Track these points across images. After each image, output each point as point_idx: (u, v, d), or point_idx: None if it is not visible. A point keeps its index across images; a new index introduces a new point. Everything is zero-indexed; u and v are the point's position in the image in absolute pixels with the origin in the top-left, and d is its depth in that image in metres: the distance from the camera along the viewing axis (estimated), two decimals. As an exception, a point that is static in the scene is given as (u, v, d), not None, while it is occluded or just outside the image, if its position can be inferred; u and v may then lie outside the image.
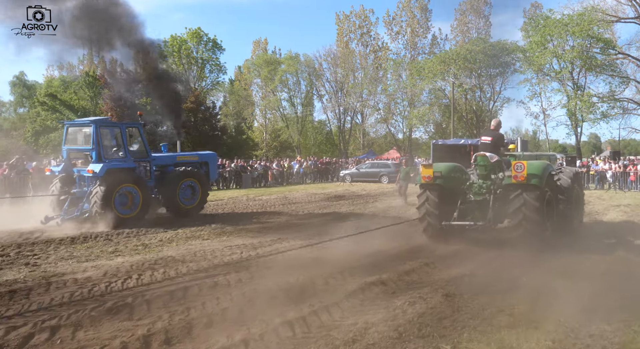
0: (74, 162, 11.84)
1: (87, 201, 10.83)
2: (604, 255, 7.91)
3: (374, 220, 12.72)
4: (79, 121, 12.37)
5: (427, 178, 8.80)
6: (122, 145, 11.65)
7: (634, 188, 23.33)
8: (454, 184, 8.96)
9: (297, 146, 52.35)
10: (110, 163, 11.05)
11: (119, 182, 10.97)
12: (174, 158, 13.58)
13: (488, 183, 8.75)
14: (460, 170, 9.31)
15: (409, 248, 8.75)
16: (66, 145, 11.82)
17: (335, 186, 27.33)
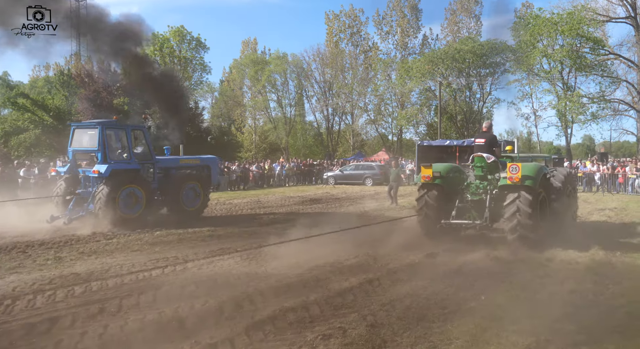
0: (79, 162, 12.07)
1: (91, 202, 11.03)
2: (575, 268, 6.97)
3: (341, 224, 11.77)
4: (85, 123, 12.53)
5: (426, 178, 9.04)
6: (126, 147, 11.82)
7: (623, 190, 22.45)
8: (453, 184, 9.22)
9: (285, 147, 51.37)
10: (115, 164, 11.26)
11: (123, 183, 11.15)
12: (177, 161, 13.80)
13: (485, 184, 9.03)
14: (459, 170, 9.58)
15: (363, 258, 7.83)
16: (72, 146, 11.96)
17: (316, 189, 26.35)
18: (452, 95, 42.56)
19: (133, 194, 11.41)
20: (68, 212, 11.03)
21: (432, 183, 9.06)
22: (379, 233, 10.65)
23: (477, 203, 9.01)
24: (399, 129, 48.48)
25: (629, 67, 37.80)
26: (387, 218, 13.38)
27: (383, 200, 20.15)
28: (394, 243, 9.35)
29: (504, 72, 40.42)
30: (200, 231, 10.90)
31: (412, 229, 11.32)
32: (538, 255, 7.91)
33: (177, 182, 12.80)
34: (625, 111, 38.45)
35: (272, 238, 9.93)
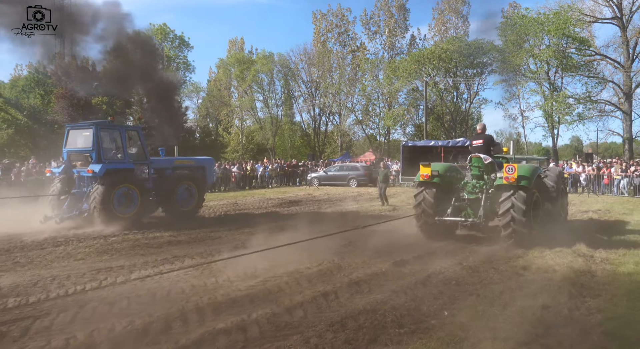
0: (74, 163, 12.08)
1: (86, 201, 11.13)
2: (551, 278, 6.42)
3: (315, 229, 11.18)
4: (80, 124, 12.61)
5: (425, 177, 9.29)
6: (121, 147, 11.89)
7: (608, 191, 22.13)
8: (450, 183, 9.51)
9: (272, 148, 50.66)
10: (109, 164, 11.35)
11: (117, 182, 11.23)
12: (171, 161, 13.87)
13: (481, 183, 9.33)
14: (456, 169, 9.87)
15: (326, 267, 7.24)
16: (67, 147, 12.03)
17: (299, 191, 25.73)
18: (439, 95, 42.18)
19: (127, 194, 11.50)
20: (62, 212, 11.14)
21: (430, 181, 9.29)
22: (352, 238, 10.10)
23: (473, 201, 9.31)
24: (386, 130, 47.94)
25: (615, 68, 37.72)
26: (364, 221, 12.81)
27: (364, 201, 19.63)
28: (365, 249, 8.85)
29: (491, 72, 40.17)
30: (161, 236, 10.27)
31: (387, 233, 10.82)
32: (514, 263, 7.40)
33: (171, 182, 12.89)
34: (611, 112, 38.37)
35: (238, 244, 9.37)
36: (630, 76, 36.01)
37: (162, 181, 12.96)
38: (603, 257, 7.77)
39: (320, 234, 10.55)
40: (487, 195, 9.16)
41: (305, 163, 30.67)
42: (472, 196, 9.38)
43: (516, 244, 8.42)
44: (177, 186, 12.97)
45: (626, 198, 20.00)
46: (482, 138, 9.62)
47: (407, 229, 11.55)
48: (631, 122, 36.40)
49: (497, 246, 9.13)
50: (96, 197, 10.81)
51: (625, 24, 36.73)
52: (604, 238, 9.68)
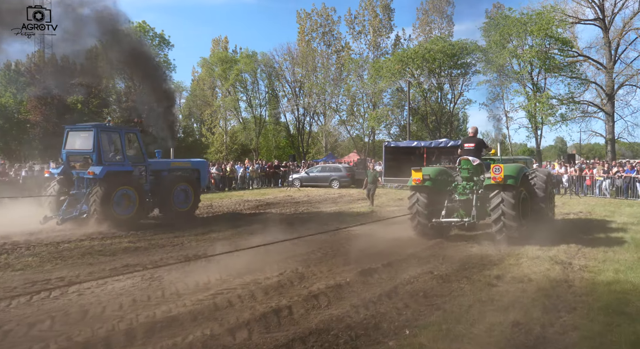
0: (72, 164, 12.22)
1: (85, 202, 11.24)
2: (526, 289, 5.97)
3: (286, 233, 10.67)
4: (80, 126, 12.71)
5: (417, 181, 9.60)
6: (120, 149, 12.04)
7: (590, 192, 21.96)
8: (441, 185, 9.89)
9: (255, 149, 49.95)
10: (110, 166, 11.49)
11: (117, 184, 11.39)
12: (168, 164, 14.11)
13: (471, 184, 9.71)
14: (447, 172, 10.24)
15: (287, 276, 6.71)
16: (66, 148, 12.10)
17: (278, 192, 25.14)
18: (423, 95, 41.92)
19: (126, 195, 11.67)
20: (61, 213, 11.24)
21: (423, 185, 9.60)
22: (323, 243, 9.59)
23: (464, 202, 9.68)
24: (370, 130, 47.57)
25: (598, 69, 37.80)
26: (340, 224, 12.32)
27: (344, 203, 19.16)
28: (334, 255, 8.35)
29: (475, 72, 40.02)
30: (119, 242, 9.64)
31: (362, 238, 10.33)
32: (488, 271, 6.94)
33: (168, 184, 13.12)
34: (594, 113, 38.45)
35: (200, 250, 8.80)
36: (612, 77, 36.12)
37: (159, 183, 13.15)
38: (582, 264, 7.36)
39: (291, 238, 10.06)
40: (477, 195, 9.51)
41: (287, 164, 30.07)
42: (463, 197, 9.72)
43: (507, 238, 8.78)
44: (173, 188, 13.17)
45: (608, 200, 19.82)
46: (473, 142, 9.93)
47: (383, 232, 11.10)
48: (613, 123, 36.51)
49: (475, 249, 8.73)
50: (96, 199, 10.93)
51: (608, 25, 36.84)
52: (584, 243, 9.29)
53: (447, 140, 27.12)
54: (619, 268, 7.21)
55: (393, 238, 10.31)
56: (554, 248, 8.66)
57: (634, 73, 36.18)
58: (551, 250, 8.42)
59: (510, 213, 8.64)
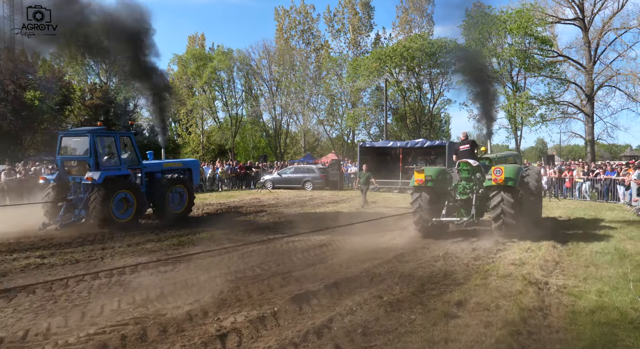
0: (68, 169, 12.17)
1: (83, 208, 11.29)
2: (490, 322, 4.79)
3: (231, 242, 9.43)
4: (74, 131, 12.68)
5: (419, 182, 9.96)
6: (115, 153, 12.04)
7: (570, 195, 21.13)
8: (442, 186, 10.29)
9: (231, 149, 48.44)
10: (108, 171, 11.48)
11: (115, 189, 11.43)
12: (161, 165, 14.08)
13: (471, 185, 10.17)
14: (447, 173, 10.73)
15: (199, 307, 5.45)
16: (60, 154, 12.08)
17: (247, 195, 23.78)
18: (402, 94, 40.96)
19: (125, 199, 11.72)
20: (59, 218, 11.24)
21: (425, 186, 9.97)
22: (268, 256, 8.36)
23: (464, 202, 10.11)
24: (348, 130, 46.48)
25: (578, 70, 37.39)
26: (298, 231, 11.10)
27: (313, 207, 17.90)
28: (273, 272, 7.11)
29: (455, 71, 39.14)
30: (28, 256, 8.21)
31: (315, 249, 9.12)
32: (449, 295, 5.77)
33: (163, 186, 13.11)
34: (573, 114, 38.02)
35: (120, 265, 7.47)
36: (592, 78, 35.70)
37: (153, 184, 13.17)
38: (559, 284, 6.24)
39: (235, 247, 8.82)
40: (477, 195, 9.95)
41: (258, 164, 28.74)
42: (464, 196, 10.14)
43: (506, 235, 9.28)
44: (168, 189, 13.19)
45: (588, 203, 18.98)
46: (467, 143, 10.63)
47: (342, 242, 9.93)
48: (593, 124, 36.07)
49: (439, 264, 7.58)
50: (96, 205, 10.97)
51: (587, 25, 36.44)
52: (563, 255, 8.22)
53: (424, 140, 26.16)
54: (602, 288, 6.12)
55: (350, 249, 9.16)
56: (528, 262, 7.56)
57: (613, 74, 35.85)
58: (524, 265, 7.30)
59: (509, 212, 9.10)
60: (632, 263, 7.62)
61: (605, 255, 8.26)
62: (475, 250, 8.76)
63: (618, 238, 9.93)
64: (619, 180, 18.65)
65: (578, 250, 8.73)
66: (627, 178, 17.04)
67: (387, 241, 10.11)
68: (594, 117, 36.20)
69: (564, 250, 8.77)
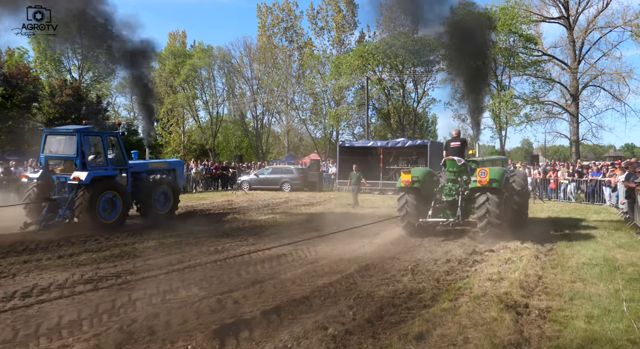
0: (52, 168, 12.02)
1: (68, 208, 11.12)
2: None
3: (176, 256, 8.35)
4: (60, 129, 12.38)
5: (406, 182, 10.02)
6: (101, 153, 11.91)
7: (555, 196, 20.39)
8: (429, 187, 10.30)
9: (211, 149, 47.12)
10: (95, 172, 11.33)
11: (102, 189, 11.28)
12: (146, 165, 14.05)
13: (457, 186, 10.23)
14: (433, 174, 10.70)
15: (108, 339, 4.34)
16: (44, 152, 11.84)
17: (220, 196, 22.62)
18: (386, 93, 40.08)
19: (111, 200, 11.60)
20: (42, 218, 11.01)
21: (411, 186, 10.04)
22: (214, 270, 7.30)
23: (450, 203, 10.20)
24: (330, 130, 45.50)
25: (563, 69, 36.91)
26: (260, 241, 10.06)
27: (285, 210, 16.81)
28: (208, 295, 6.03)
29: (439, 70, 38.45)
30: None
31: (270, 261, 8.07)
32: (409, 325, 4.77)
33: (148, 186, 13.08)
34: (558, 114, 37.53)
35: (33, 284, 6.35)
36: (577, 77, 35.22)
37: (138, 184, 13.09)
38: (542, 307, 5.29)
39: (180, 259, 7.73)
40: (463, 196, 10.01)
41: (234, 165, 27.57)
42: (450, 198, 10.22)
43: (491, 235, 9.21)
44: (154, 190, 13.14)
45: (573, 205, 18.23)
46: (459, 141, 10.56)
47: (305, 252, 8.92)
48: (577, 124, 35.61)
49: (406, 279, 6.59)
50: (82, 204, 10.79)
51: (572, 24, 35.97)
52: (546, 268, 7.30)
53: (405, 140, 25.25)
54: (591, 311, 5.18)
55: (312, 260, 8.16)
56: (507, 277, 6.60)
57: (598, 73, 35.42)
58: (503, 281, 6.34)
59: (494, 211, 9.09)
60: (624, 277, 6.72)
61: (594, 266, 7.35)
62: (450, 261, 7.80)
63: (606, 246, 9.05)
64: (605, 181, 17.92)
65: (563, 261, 7.81)
66: (613, 179, 16.30)
67: (355, 250, 9.13)
68: (578, 117, 35.76)
69: (548, 261, 7.85)
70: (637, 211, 11.32)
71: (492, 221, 9.11)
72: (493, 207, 9.12)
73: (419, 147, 23.57)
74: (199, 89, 47.63)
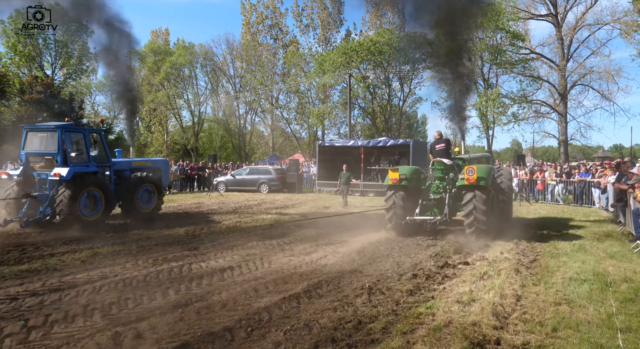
0: (32, 165, 11.83)
1: (49, 205, 10.98)
2: None
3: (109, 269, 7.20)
4: (41, 126, 12.32)
5: (394, 180, 10.17)
6: (83, 150, 11.79)
7: (542, 198, 19.45)
8: (416, 185, 10.51)
9: (193, 149, 45.78)
10: (76, 168, 11.23)
11: (83, 186, 11.16)
12: (130, 163, 13.95)
13: (444, 184, 10.37)
14: (421, 172, 10.81)
15: None
16: (25, 149, 11.80)
17: (193, 198, 21.36)
18: (372, 92, 39.04)
19: (93, 197, 11.49)
20: (22, 215, 10.93)
21: (399, 184, 10.10)
22: (134, 288, 6.15)
23: (438, 201, 10.23)
24: (315, 129, 44.37)
25: (551, 68, 36.14)
26: (203, 250, 8.88)
27: (254, 214, 15.62)
28: (107, 323, 4.88)
29: (426, 68, 37.44)
30: None
31: (209, 276, 6.93)
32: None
33: (131, 184, 12.99)
34: (547, 114, 36.76)
35: None
36: (565, 76, 34.46)
37: (122, 182, 13.02)
38: (517, 344, 4.18)
39: (104, 274, 6.55)
40: (450, 194, 10.09)
41: (211, 165, 26.34)
42: (437, 196, 10.29)
43: (477, 231, 9.21)
44: (137, 188, 13.05)
45: (561, 207, 17.29)
46: (443, 142, 10.68)
47: (257, 263, 7.80)
48: (566, 123, 34.84)
49: (359, 302, 5.50)
50: (63, 201, 10.69)
51: (560, 21, 35.21)
52: (527, 286, 6.23)
53: (387, 139, 24.16)
54: (579, 348, 4.11)
55: (259, 275, 7.04)
56: (479, 298, 5.53)
57: (587, 71, 34.69)
58: (473, 304, 5.26)
59: (481, 208, 9.15)
60: (617, 297, 5.68)
61: (582, 283, 6.30)
62: (417, 276, 6.71)
63: (596, 256, 8.03)
64: (594, 182, 16.99)
65: (547, 276, 6.75)
66: (603, 180, 15.37)
67: (315, 261, 8.04)
68: (567, 116, 35.01)
69: (530, 275, 6.79)
70: (629, 215, 10.34)
71: (478, 218, 9.13)
72: (480, 204, 9.13)
73: (401, 147, 22.52)
74: (180, 87, 46.25)
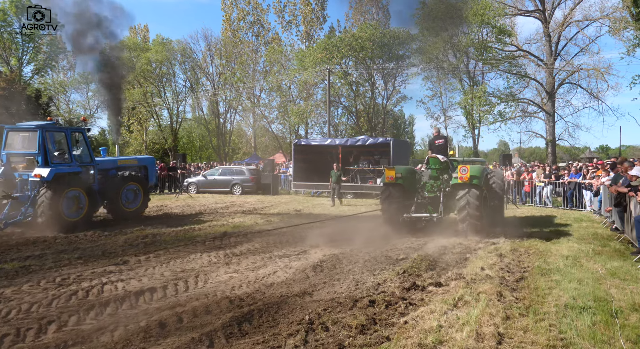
0: (14, 165, 11.68)
1: (31, 205, 10.89)
2: None
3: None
4: (22, 125, 12.06)
5: (390, 179, 10.40)
6: (65, 150, 11.64)
7: (530, 200, 18.25)
8: (411, 183, 10.75)
9: (171, 148, 44.05)
10: (58, 168, 11.15)
11: (66, 186, 11.09)
12: (115, 162, 13.79)
13: (438, 183, 10.68)
14: (415, 171, 11.19)
15: None
16: (6, 149, 11.66)
17: (157, 201, 19.74)
18: (356, 90, 37.73)
19: (75, 197, 11.41)
20: (3, 216, 10.76)
21: (395, 182, 10.41)
22: (22, 318, 4.69)
23: (432, 199, 10.61)
24: (296, 128, 42.95)
25: (538, 66, 35.13)
26: (135, 264, 7.43)
27: (216, 219, 14.15)
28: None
29: (410, 65, 36.26)
30: None
31: (150, 293, 5.51)
32: None
33: (116, 183, 12.88)
34: (534, 113, 35.76)
35: None
36: (553, 74, 33.49)
37: (106, 182, 12.88)
38: None
39: None
40: (444, 193, 10.32)
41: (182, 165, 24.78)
42: (432, 194, 10.55)
43: (470, 226, 9.43)
44: (122, 187, 12.96)
45: (550, 211, 16.10)
46: (442, 138, 10.88)
47: (189, 282, 6.40)
48: (554, 123, 33.86)
49: (290, 343, 4.10)
50: (44, 202, 10.61)
51: (548, 18, 34.26)
52: (512, 316, 4.88)
53: (366, 138, 22.80)
54: None
55: (181, 302, 5.64)
56: (449, 338, 4.16)
57: (575, 69, 33.75)
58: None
59: (474, 203, 9.39)
60: (628, 334, 4.36)
61: (581, 312, 4.97)
62: (375, 303, 5.31)
63: (594, 274, 6.71)
64: (586, 183, 15.82)
65: (537, 301, 5.41)
66: (595, 182, 14.19)
67: (261, 278, 6.71)
68: (555, 115, 34.05)
69: (515, 300, 5.44)
70: (627, 221, 9.09)
71: (471, 213, 9.37)
72: (473, 199, 9.38)
73: (381, 146, 21.16)
74: (157, 85, 44.50)
